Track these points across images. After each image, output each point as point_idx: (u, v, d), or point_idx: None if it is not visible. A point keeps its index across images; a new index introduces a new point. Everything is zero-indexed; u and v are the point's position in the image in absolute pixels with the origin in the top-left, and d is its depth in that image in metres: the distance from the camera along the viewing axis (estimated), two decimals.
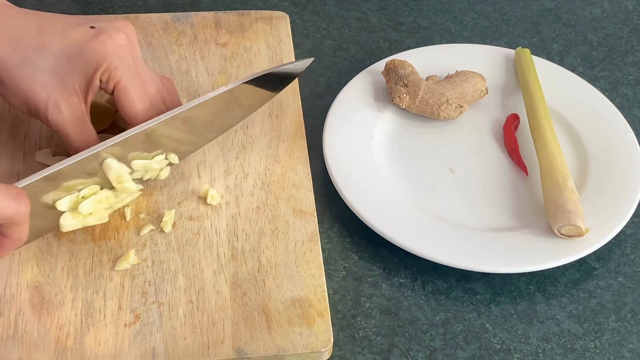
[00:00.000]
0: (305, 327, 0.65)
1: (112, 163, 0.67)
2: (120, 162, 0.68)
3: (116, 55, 0.68)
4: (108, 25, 0.69)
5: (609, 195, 0.75)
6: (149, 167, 0.70)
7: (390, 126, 0.82)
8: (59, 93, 0.67)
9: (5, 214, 0.59)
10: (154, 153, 0.70)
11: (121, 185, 0.68)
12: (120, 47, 0.68)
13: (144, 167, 0.70)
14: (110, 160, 0.67)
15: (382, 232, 0.72)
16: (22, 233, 0.62)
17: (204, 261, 0.69)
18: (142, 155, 0.69)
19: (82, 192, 0.67)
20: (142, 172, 0.70)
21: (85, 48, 0.67)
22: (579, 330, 0.69)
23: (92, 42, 0.68)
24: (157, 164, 0.70)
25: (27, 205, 0.61)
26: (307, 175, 0.75)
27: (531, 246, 0.71)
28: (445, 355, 0.67)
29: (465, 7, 0.97)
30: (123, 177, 0.68)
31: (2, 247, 0.63)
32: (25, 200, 0.61)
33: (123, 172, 0.68)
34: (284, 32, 0.88)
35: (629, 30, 0.95)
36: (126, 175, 0.68)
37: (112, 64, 0.67)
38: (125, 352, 0.63)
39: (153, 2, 0.95)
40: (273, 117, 0.80)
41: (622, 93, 0.88)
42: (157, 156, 0.70)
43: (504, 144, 0.81)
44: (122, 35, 0.69)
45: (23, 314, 0.65)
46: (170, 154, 0.71)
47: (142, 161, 0.69)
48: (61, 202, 0.66)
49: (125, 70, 0.68)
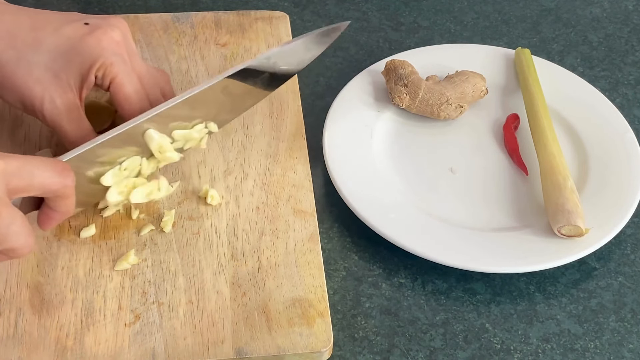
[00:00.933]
0: (305, 327, 0.65)
1: (153, 134, 0.68)
2: (161, 133, 0.69)
3: (111, 51, 0.68)
4: (102, 22, 0.70)
5: (609, 195, 0.75)
6: (189, 136, 0.71)
7: (390, 126, 0.82)
8: (54, 89, 0.67)
9: (52, 188, 0.60)
10: (193, 122, 0.71)
11: (163, 155, 0.69)
12: (115, 43, 0.69)
13: (185, 137, 0.71)
14: (151, 131, 0.68)
15: (382, 232, 0.72)
16: (68, 206, 0.63)
17: (204, 261, 0.69)
18: (182, 125, 0.70)
19: (123, 164, 0.68)
20: (183, 142, 0.71)
21: (80, 44, 0.68)
22: (579, 330, 0.69)
23: (86, 38, 0.68)
24: (197, 133, 0.71)
25: (73, 179, 0.62)
26: (307, 175, 0.75)
27: (531, 246, 0.71)
28: (445, 355, 0.67)
29: (465, 7, 0.97)
30: (165, 147, 0.69)
31: (50, 219, 0.64)
32: (70, 174, 0.62)
33: (164, 143, 0.69)
34: (284, 32, 0.88)
35: (629, 30, 0.95)
36: (167, 145, 0.69)
37: (108, 60, 0.68)
38: (125, 352, 0.63)
39: (153, 2, 0.95)
40: (273, 117, 0.80)
41: (622, 93, 0.88)
42: (196, 125, 0.71)
43: (504, 144, 0.81)
44: (117, 32, 0.69)
45: (23, 314, 0.65)
46: (209, 123, 0.72)
47: (182, 131, 0.70)
48: (105, 177, 0.67)
49: (121, 66, 0.68)
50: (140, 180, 0.70)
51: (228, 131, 0.78)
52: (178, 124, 0.70)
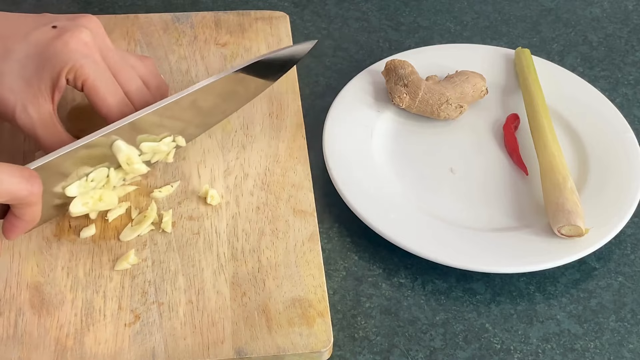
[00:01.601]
0: (305, 327, 0.65)
1: (121, 145, 0.68)
2: (129, 145, 0.69)
3: (80, 53, 0.68)
4: (70, 23, 0.69)
5: (609, 195, 0.75)
6: (158, 149, 0.71)
7: (390, 126, 0.82)
8: (26, 96, 0.67)
9: (18, 195, 0.60)
10: (161, 135, 0.71)
11: (131, 167, 0.69)
12: (83, 45, 0.68)
13: (153, 150, 0.71)
14: (119, 142, 0.68)
15: (382, 232, 0.72)
16: (34, 214, 0.63)
17: (204, 261, 0.69)
18: (151, 138, 0.70)
19: (90, 175, 0.68)
20: (151, 155, 0.71)
21: (48, 49, 0.67)
22: (579, 330, 0.69)
23: (54, 42, 0.68)
24: (165, 146, 0.71)
25: (40, 186, 0.62)
26: (307, 175, 0.75)
27: (531, 246, 0.71)
28: (445, 355, 0.67)
29: (465, 7, 0.97)
30: (133, 159, 0.69)
31: (15, 228, 0.64)
32: (37, 181, 0.61)
33: (132, 154, 0.69)
34: (284, 32, 0.88)
35: (629, 30, 0.95)
36: (135, 156, 0.69)
37: (77, 63, 0.67)
38: (125, 352, 0.63)
39: (153, 2, 0.95)
40: (273, 117, 0.80)
41: (622, 93, 0.88)
42: (164, 138, 0.71)
43: (504, 144, 0.81)
44: (85, 32, 0.69)
45: (23, 314, 0.65)
46: (177, 137, 0.72)
47: (150, 144, 0.70)
48: (70, 189, 0.67)
49: (91, 67, 0.68)
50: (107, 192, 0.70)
51: (228, 131, 0.78)
52: (146, 137, 0.70)
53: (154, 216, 0.71)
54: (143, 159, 0.71)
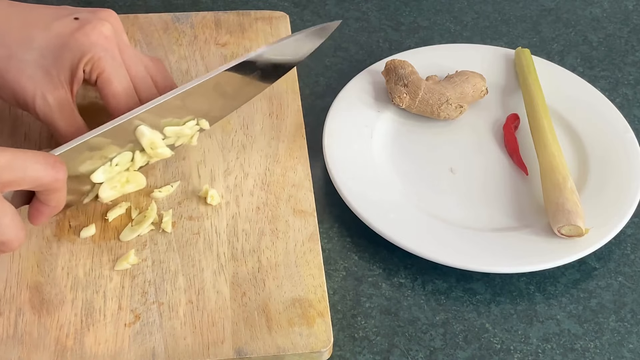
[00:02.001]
0: (305, 327, 0.65)
1: (145, 130, 0.68)
2: (153, 129, 0.69)
3: (100, 46, 0.68)
4: (92, 16, 0.70)
5: (609, 195, 0.75)
6: (181, 133, 0.71)
7: (390, 126, 0.82)
8: (45, 85, 0.68)
9: (43, 181, 0.61)
10: (185, 119, 0.71)
11: (154, 151, 0.70)
12: (104, 38, 0.69)
13: (176, 133, 0.71)
14: (143, 127, 0.68)
15: (382, 232, 0.72)
16: (59, 200, 0.63)
17: (204, 261, 0.69)
18: (174, 122, 0.70)
19: (114, 160, 0.68)
20: (175, 139, 0.72)
21: (69, 40, 0.68)
22: (579, 330, 0.69)
23: (75, 34, 0.68)
24: (189, 129, 0.72)
25: (65, 173, 0.62)
26: (307, 175, 0.75)
27: (531, 246, 0.71)
28: (445, 355, 0.67)
29: (465, 7, 0.97)
30: (156, 143, 0.70)
31: (41, 214, 0.64)
32: (62, 168, 0.62)
33: (156, 139, 0.69)
34: (284, 32, 0.88)
35: (629, 30, 0.95)
36: (159, 141, 0.70)
37: (96, 55, 0.68)
38: (125, 352, 0.63)
39: (153, 2, 0.95)
40: (273, 117, 0.80)
41: (622, 93, 0.88)
42: (188, 122, 0.72)
43: (504, 144, 0.81)
44: (107, 26, 0.69)
45: (23, 314, 0.65)
46: (201, 120, 0.72)
47: (174, 128, 0.70)
48: (96, 175, 0.67)
49: (109, 61, 0.68)
50: (133, 173, 0.70)
51: (228, 131, 0.78)
52: (170, 120, 0.70)
53: (154, 216, 0.71)
54: (167, 143, 0.71)
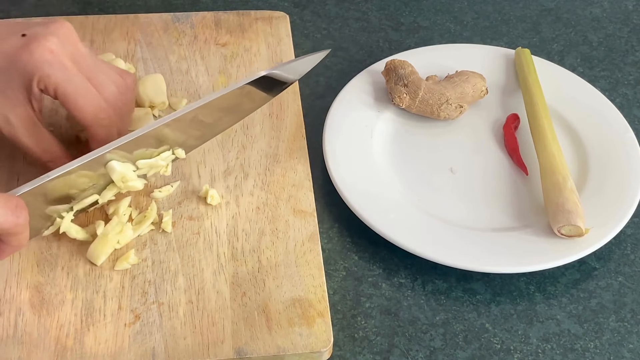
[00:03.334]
0: (305, 327, 0.65)
1: (115, 165, 0.67)
2: (125, 162, 0.68)
3: (46, 62, 0.66)
4: (40, 30, 0.68)
5: (609, 195, 0.75)
6: (155, 164, 0.70)
7: (390, 126, 0.82)
8: (4, 107, 0.67)
9: (2, 227, 0.61)
10: (160, 149, 0.70)
11: (126, 184, 0.69)
12: (49, 53, 0.67)
13: (150, 165, 0.70)
14: (113, 162, 0.67)
15: (382, 232, 0.72)
16: (20, 241, 0.64)
17: (204, 261, 0.69)
18: (148, 153, 0.70)
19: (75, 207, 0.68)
20: (147, 169, 0.71)
21: (16, 60, 0.66)
22: (579, 330, 0.69)
23: (20, 53, 0.66)
24: (163, 160, 0.71)
25: (25, 217, 0.62)
26: (307, 175, 0.75)
27: (531, 246, 0.71)
28: (445, 355, 0.67)
29: (465, 7, 0.97)
30: (128, 177, 0.69)
31: (2, 252, 0.64)
32: (23, 212, 0.62)
33: (127, 172, 0.68)
34: (284, 32, 0.88)
35: (629, 30, 0.95)
36: (131, 174, 0.69)
37: (44, 73, 0.66)
38: (125, 352, 0.63)
39: (153, 2, 0.95)
40: (273, 117, 0.80)
41: (622, 93, 0.88)
42: (163, 152, 0.71)
43: (504, 144, 0.81)
44: (53, 40, 0.67)
45: (23, 314, 0.65)
46: (177, 149, 0.72)
47: (147, 160, 0.70)
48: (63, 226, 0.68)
49: (60, 75, 0.67)
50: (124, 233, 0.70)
51: (228, 131, 0.78)
52: (143, 152, 0.69)
53: (154, 216, 0.71)
54: (139, 174, 0.70)
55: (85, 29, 0.86)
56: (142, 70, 0.83)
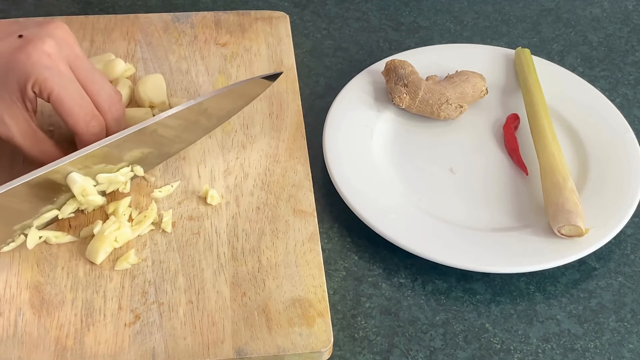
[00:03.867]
0: (305, 327, 0.65)
1: (76, 177, 0.67)
2: (86, 176, 0.68)
3: (43, 66, 0.66)
4: (37, 31, 0.67)
5: (609, 195, 0.75)
6: (114, 180, 0.70)
7: (390, 126, 0.82)
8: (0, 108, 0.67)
9: None
10: (119, 165, 0.70)
11: (86, 198, 0.69)
12: (47, 57, 0.66)
13: (109, 180, 0.70)
14: (74, 174, 0.67)
15: (382, 232, 0.72)
16: None
17: (204, 261, 0.69)
18: (107, 168, 0.69)
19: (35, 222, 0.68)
20: (107, 185, 0.70)
21: (11, 61, 0.66)
22: (579, 330, 0.69)
23: (16, 54, 0.66)
24: (123, 176, 0.71)
25: None
26: (307, 175, 0.75)
27: (531, 246, 0.71)
28: (445, 355, 0.67)
29: (465, 7, 0.97)
30: (88, 190, 0.69)
31: None
32: None
33: (88, 186, 0.68)
34: (284, 32, 0.88)
35: (629, 30, 0.95)
36: (91, 188, 0.69)
37: (40, 76, 0.66)
38: (125, 352, 0.63)
39: (153, 2, 0.95)
40: (273, 117, 0.80)
41: (622, 93, 0.88)
42: (122, 168, 0.71)
43: (504, 144, 0.81)
44: (50, 43, 0.67)
45: (23, 314, 0.65)
46: (135, 166, 0.72)
47: (107, 175, 0.70)
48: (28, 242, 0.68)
49: (55, 80, 0.66)
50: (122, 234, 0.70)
51: (228, 131, 0.78)
52: (103, 167, 0.69)
53: (154, 216, 0.71)
54: (99, 189, 0.70)
55: (85, 29, 0.86)
56: (142, 70, 0.83)
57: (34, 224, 0.68)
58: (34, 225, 0.68)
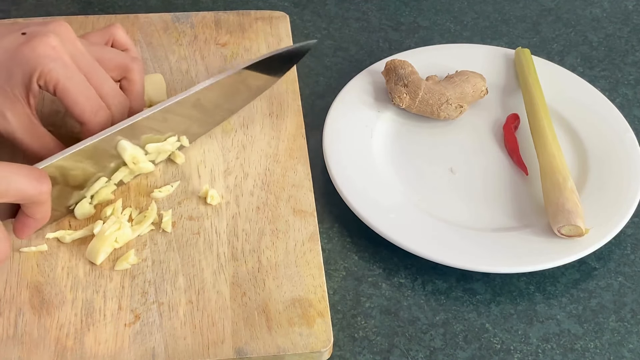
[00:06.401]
0: (305, 327, 0.65)
1: (126, 144, 0.70)
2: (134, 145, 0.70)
3: (48, 58, 0.67)
4: (40, 28, 0.69)
5: (609, 195, 0.75)
6: (162, 148, 0.73)
7: (390, 126, 0.82)
8: (2, 103, 0.67)
9: (28, 194, 0.62)
10: (166, 135, 0.73)
11: (137, 165, 0.71)
12: (51, 49, 0.68)
13: (157, 149, 0.72)
14: (124, 141, 0.69)
15: (382, 232, 0.72)
16: (44, 212, 0.65)
17: (204, 261, 0.69)
18: (155, 138, 0.72)
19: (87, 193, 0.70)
20: (155, 155, 0.73)
21: (17, 55, 0.67)
22: (579, 330, 0.69)
23: (22, 48, 0.67)
24: (170, 145, 0.73)
25: (49, 185, 0.63)
26: (307, 175, 0.75)
27: (531, 246, 0.71)
28: (445, 355, 0.67)
29: (465, 7, 0.97)
30: (138, 158, 0.71)
31: (27, 226, 0.65)
32: (47, 180, 0.63)
33: (138, 153, 0.71)
34: (284, 32, 0.88)
35: (629, 30, 0.95)
36: (141, 155, 0.71)
37: (46, 68, 0.67)
38: (125, 352, 0.63)
39: (153, 2, 0.95)
40: (273, 117, 0.80)
41: (622, 93, 0.88)
42: (169, 138, 0.73)
43: (504, 144, 0.81)
44: (53, 37, 0.68)
45: (23, 314, 0.65)
46: (182, 137, 0.74)
47: (155, 144, 0.72)
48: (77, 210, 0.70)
49: (61, 71, 0.67)
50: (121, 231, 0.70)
51: (228, 131, 0.78)
52: (150, 137, 0.71)
53: (154, 216, 0.71)
54: (148, 159, 0.72)
55: (85, 29, 0.86)
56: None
57: (87, 194, 0.70)
58: (87, 195, 0.70)
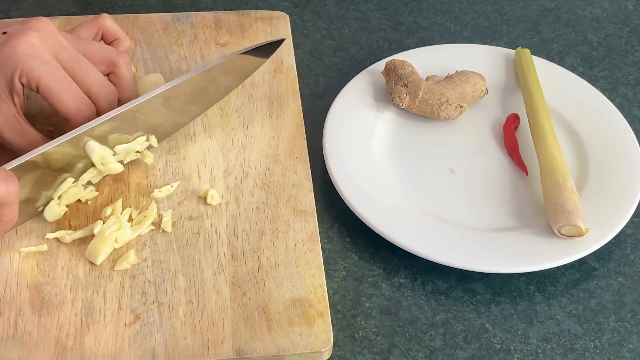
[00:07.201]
0: (305, 327, 0.65)
1: (94, 145, 0.69)
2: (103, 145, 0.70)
3: (28, 56, 0.67)
4: (20, 27, 0.69)
5: (609, 195, 0.75)
6: (131, 149, 0.72)
7: (390, 126, 0.82)
8: None
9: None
10: (134, 135, 0.72)
11: (105, 166, 0.70)
12: (31, 47, 0.68)
13: (126, 150, 0.72)
14: (92, 142, 0.69)
15: (382, 232, 0.72)
16: (12, 214, 0.65)
17: (204, 261, 0.69)
18: (123, 138, 0.71)
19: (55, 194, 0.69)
20: (124, 155, 0.72)
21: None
22: (579, 330, 0.69)
23: (2, 48, 0.68)
24: (139, 145, 0.72)
25: (16, 186, 0.63)
26: (307, 175, 0.75)
27: (531, 246, 0.71)
28: (445, 355, 0.67)
29: (465, 7, 0.97)
30: (107, 159, 0.70)
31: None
32: (14, 181, 0.63)
33: (106, 154, 0.70)
34: (284, 32, 0.88)
35: (629, 30, 0.95)
36: (109, 156, 0.71)
37: (26, 66, 0.67)
38: (125, 352, 0.63)
39: (153, 2, 0.95)
40: (273, 117, 0.80)
41: (622, 93, 0.88)
42: (138, 138, 0.72)
43: (504, 144, 0.81)
44: (32, 35, 0.68)
45: (23, 314, 0.65)
46: (150, 136, 0.73)
47: (124, 145, 0.71)
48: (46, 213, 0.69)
49: (41, 68, 0.68)
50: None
51: (228, 131, 0.78)
52: (118, 137, 0.71)
53: (154, 216, 0.71)
54: (116, 159, 0.72)
55: None
56: (142, 70, 0.83)
57: (54, 195, 0.69)
58: (54, 197, 0.70)
